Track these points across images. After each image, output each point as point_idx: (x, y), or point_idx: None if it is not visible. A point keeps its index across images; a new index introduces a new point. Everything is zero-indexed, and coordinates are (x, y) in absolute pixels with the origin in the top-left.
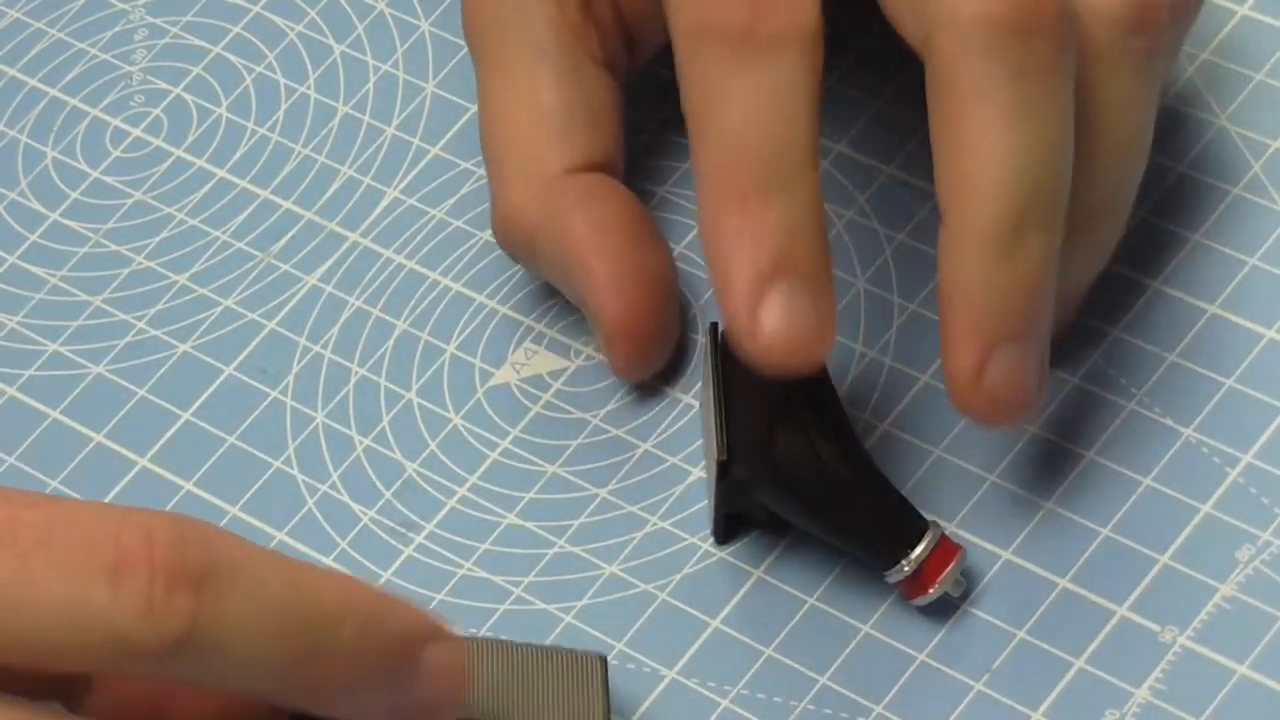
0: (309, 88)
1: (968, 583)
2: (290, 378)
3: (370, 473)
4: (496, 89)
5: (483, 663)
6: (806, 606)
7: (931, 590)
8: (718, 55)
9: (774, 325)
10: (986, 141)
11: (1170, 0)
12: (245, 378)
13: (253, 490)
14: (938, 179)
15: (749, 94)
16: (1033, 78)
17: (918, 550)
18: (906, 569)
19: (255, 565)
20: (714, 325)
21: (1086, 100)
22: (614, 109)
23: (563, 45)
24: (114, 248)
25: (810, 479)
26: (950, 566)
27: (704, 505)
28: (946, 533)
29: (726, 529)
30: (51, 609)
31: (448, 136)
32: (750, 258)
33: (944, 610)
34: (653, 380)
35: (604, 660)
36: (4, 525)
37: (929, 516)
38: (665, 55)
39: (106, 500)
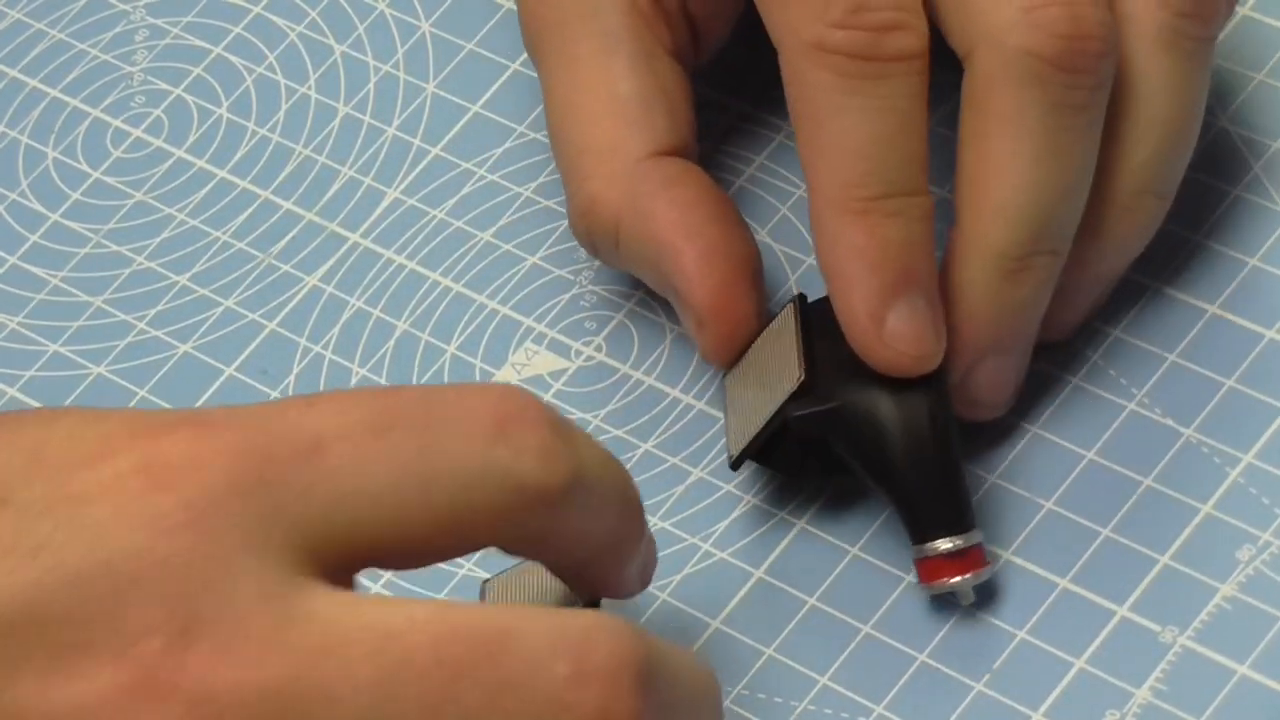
0: (309, 88)
1: (978, 599)
2: (291, 378)
3: None
4: (567, 82)
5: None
6: (806, 606)
7: (947, 582)
8: (836, 74)
9: (900, 335)
10: (1014, 169)
11: None
12: (246, 378)
13: None
14: (958, 192)
15: (869, 113)
16: (1068, 114)
17: (957, 541)
18: (938, 549)
19: (578, 433)
20: (801, 296)
21: (1137, 80)
22: (687, 98)
23: (635, 33)
24: (115, 248)
25: (895, 429)
26: (975, 571)
27: (704, 505)
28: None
29: (741, 459)
30: (463, 473)
31: (448, 137)
32: (875, 272)
33: (944, 611)
34: (653, 380)
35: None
36: (387, 408)
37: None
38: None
39: None
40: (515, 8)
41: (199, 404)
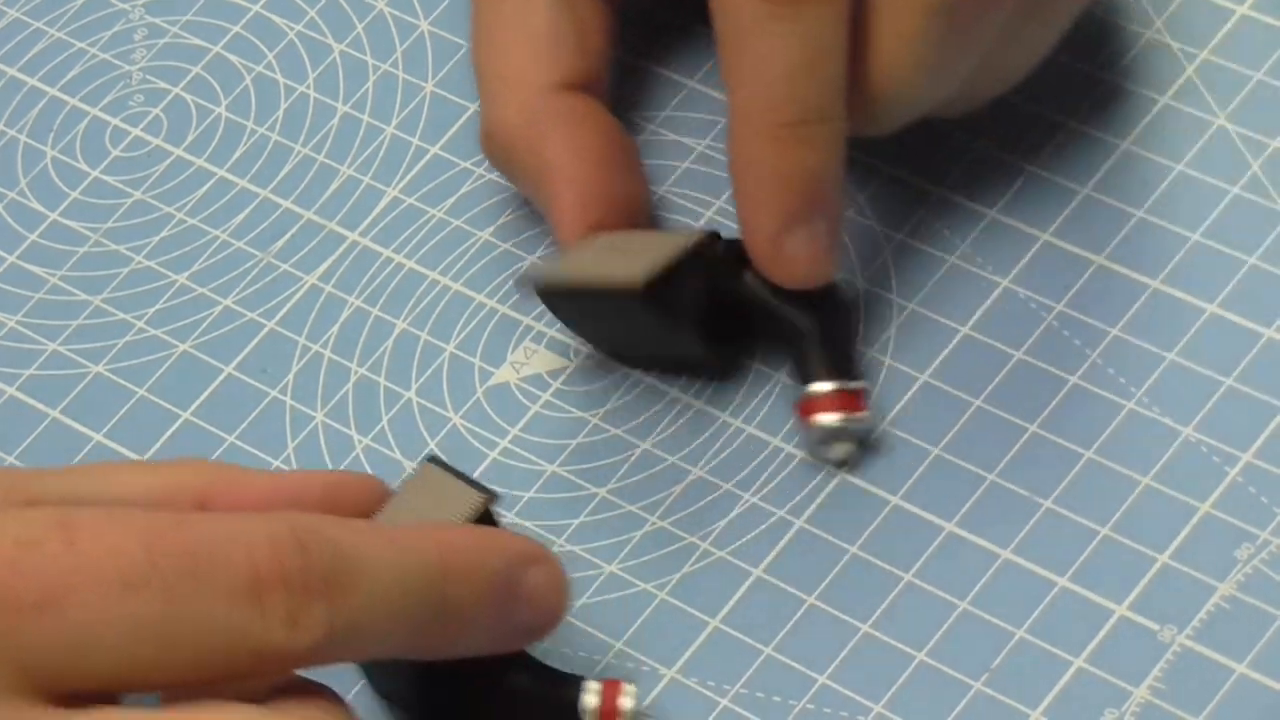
0: (308, 87)
1: (852, 457)
2: (290, 377)
3: (370, 472)
4: (490, 13)
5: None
6: (806, 606)
7: (820, 418)
8: (756, 4)
9: (797, 258)
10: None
11: None
12: (245, 377)
13: None
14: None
15: (788, 39)
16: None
17: (837, 384)
18: (819, 390)
19: (366, 547)
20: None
21: None
22: (604, 32)
23: None
24: (113, 247)
25: None
26: (850, 413)
27: (703, 504)
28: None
29: (650, 283)
30: (205, 638)
31: (447, 136)
32: (781, 196)
33: (943, 610)
34: (651, 379)
35: (437, 458)
36: (144, 560)
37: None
38: None
39: None
40: None
41: (199, 402)
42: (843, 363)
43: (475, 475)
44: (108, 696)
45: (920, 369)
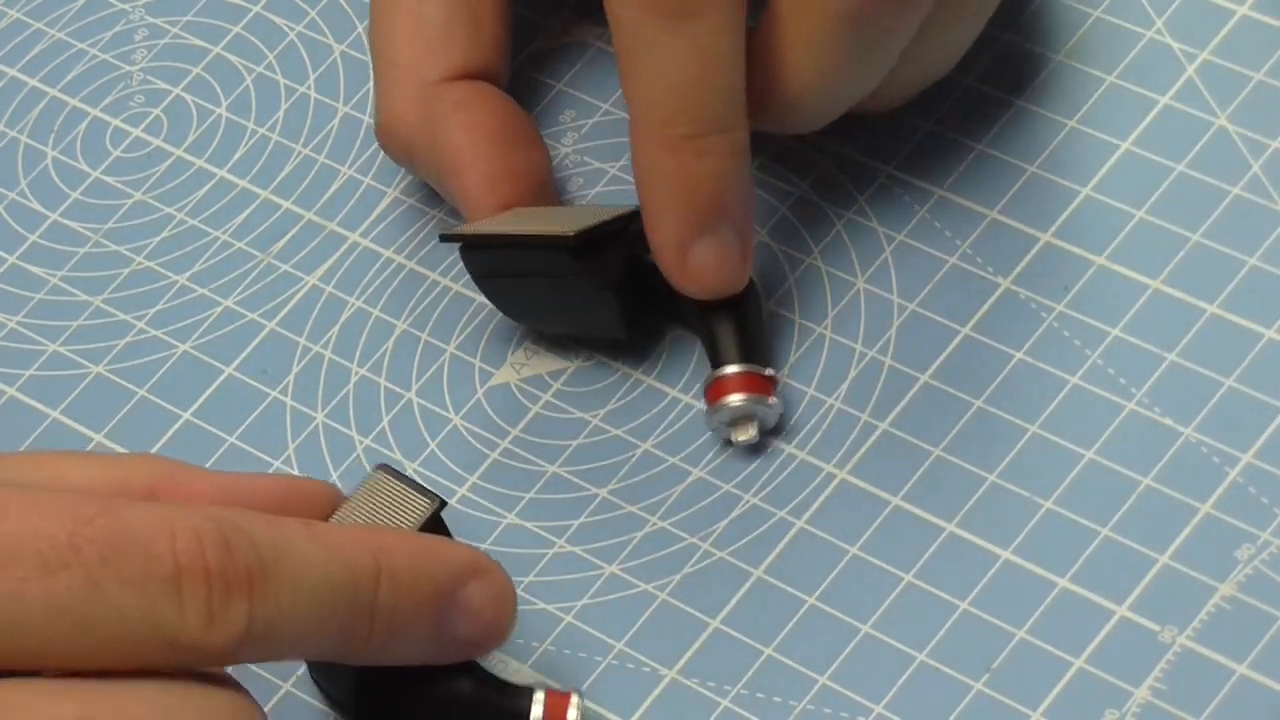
0: (309, 88)
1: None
2: (290, 378)
3: (370, 470)
4: (386, 1)
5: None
6: (806, 606)
7: (727, 400)
8: (648, 12)
9: (703, 268)
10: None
11: None
12: (245, 378)
13: None
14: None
15: (680, 52)
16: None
17: (745, 367)
18: (726, 371)
19: (294, 547)
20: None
21: None
22: (498, 19)
23: None
24: (114, 248)
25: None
26: (756, 394)
27: (703, 505)
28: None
29: (580, 237)
30: (120, 625)
31: None
32: (683, 207)
33: (943, 610)
34: (652, 380)
35: (386, 466)
36: (65, 542)
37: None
38: None
39: None
40: None
41: (199, 403)
42: (755, 349)
43: (475, 476)
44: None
45: (921, 369)
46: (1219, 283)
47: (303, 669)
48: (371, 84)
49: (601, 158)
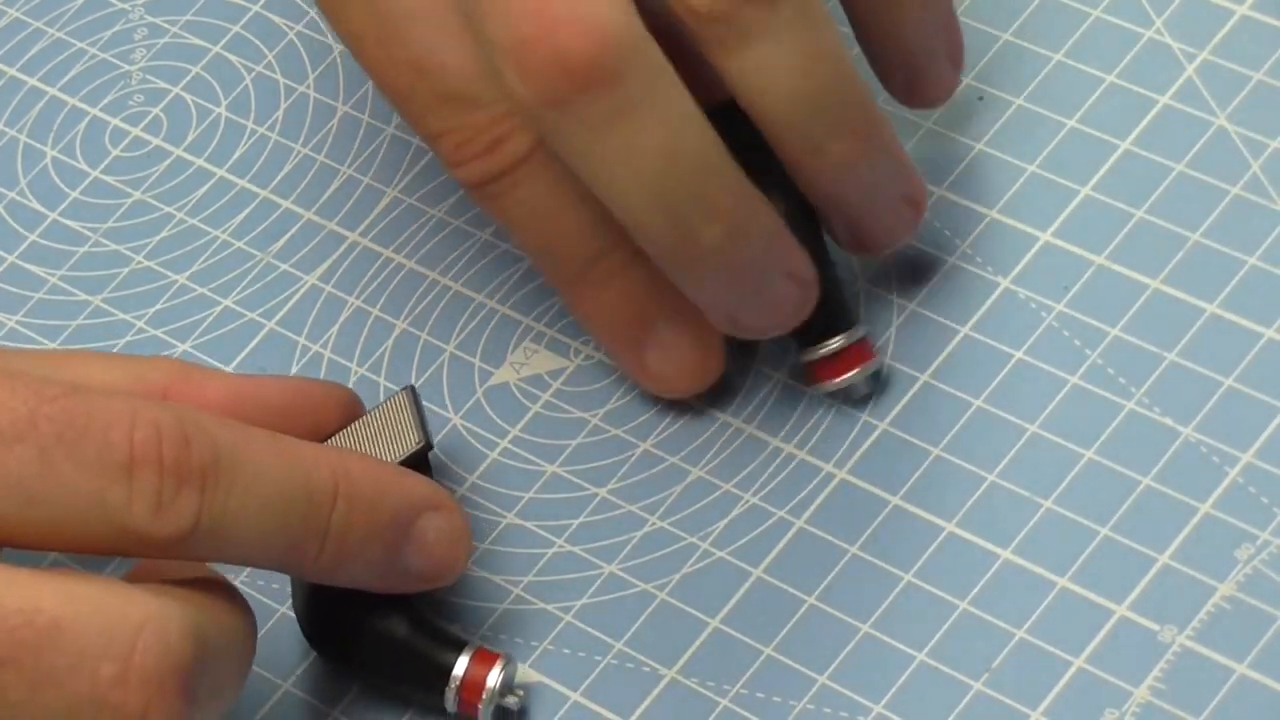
0: (308, 87)
1: (873, 390)
2: None
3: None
4: None
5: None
6: (806, 606)
7: (839, 379)
8: (483, 199)
9: (662, 374)
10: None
11: None
12: None
13: None
14: None
15: (526, 218)
16: (582, 136)
17: (842, 340)
18: (828, 349)
19: (255, 454)
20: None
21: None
22: None
23: None
24: (113, 247)
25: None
26: (864, 364)
27: (703, 504)
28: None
29: None
30: (69, 503)
31: None
32: (613, 332)
33: (943, 610)
34: None
35: (412, 390)
36: (25, 417)
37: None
38: None
39: None
40: None
41: None
42: (840, 315)
43: (475, 476)
44: None
45: (921, 369)
46: (1219, 283)
47: (302, 668)
48: (371, 84)
49: None
